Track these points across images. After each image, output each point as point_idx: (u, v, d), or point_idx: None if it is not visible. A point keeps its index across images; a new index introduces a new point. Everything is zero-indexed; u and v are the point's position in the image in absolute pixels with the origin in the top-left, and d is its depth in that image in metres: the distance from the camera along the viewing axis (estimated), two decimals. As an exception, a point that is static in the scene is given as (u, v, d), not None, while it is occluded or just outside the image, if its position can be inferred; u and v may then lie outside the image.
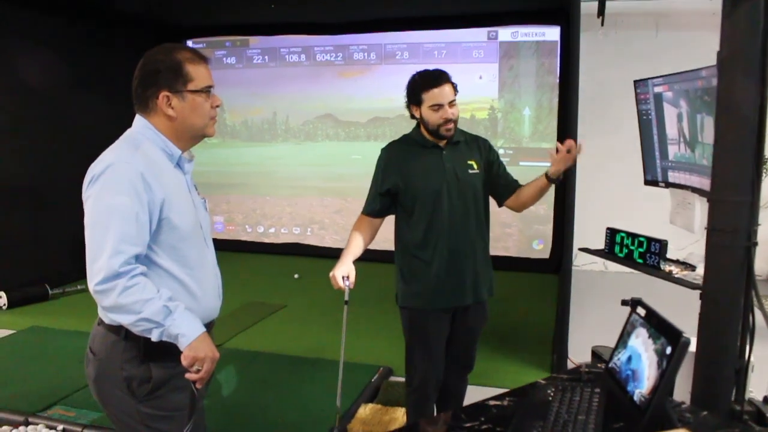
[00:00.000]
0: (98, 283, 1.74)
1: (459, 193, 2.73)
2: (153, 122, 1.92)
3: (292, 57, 7.77)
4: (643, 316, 1.56)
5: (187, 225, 1.92)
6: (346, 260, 2.76)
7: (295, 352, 4.63)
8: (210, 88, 1.94)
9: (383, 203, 2.82)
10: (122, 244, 1.74)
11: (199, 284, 1.97)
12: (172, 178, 1.92)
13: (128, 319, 1.77)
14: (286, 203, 8.04)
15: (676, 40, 6.85)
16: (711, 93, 2.24)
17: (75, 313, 5.54)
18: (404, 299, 2.86)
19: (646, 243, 2.58)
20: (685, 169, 2.60)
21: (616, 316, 5.22)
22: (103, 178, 1.78)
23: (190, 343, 1.79)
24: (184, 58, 1.89)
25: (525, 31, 7.05)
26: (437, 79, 2.66)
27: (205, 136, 2.00)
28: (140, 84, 1.90)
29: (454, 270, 2.75)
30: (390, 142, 2.89)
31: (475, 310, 2.86)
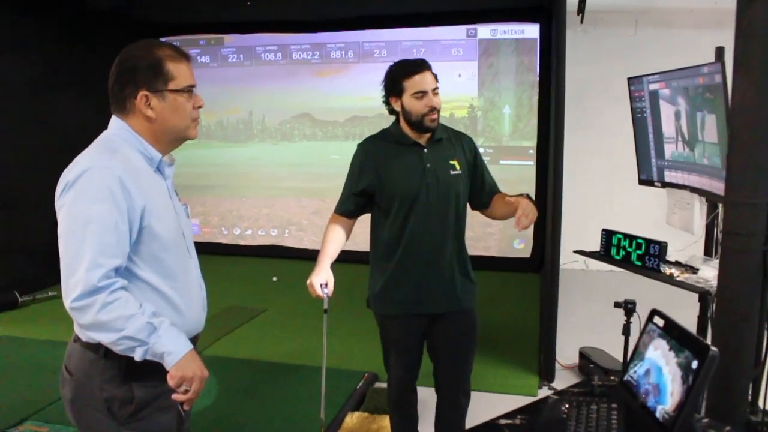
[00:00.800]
0: (75, 299, 1.61)
1: (438, 196, 2.57)
2: (131, 124, 1.78)
3: (268, 55, 7.62)
4: (662, 327, 1.47)
5: (169, 234, 1.80)
6: (324, 266, 2.59)
7: (277, 358, 4.50)
8: (192, 88, 1.81)
9: (357, 203, 2.68)
10: (101, 256, 1.62)
11: (182, 297, 1.84)
12: (153, 183, 1.79)
13: (109, 338, 1.64)
14: (263, 204, 7.89)
15: (656, 38, 6.84)
16: (714, 90, 2.17)
17: (47, 322, 5.34)
18: (374, 304, 2.74)
19: (645, 245, 2.51)
20: (683, 168, 2.53)
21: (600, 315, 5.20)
22: (78, 184, 1.65)
23: (177, 362, 1.67)
24: (165, 56, 1.76)
25: (504, 29, 6.98)
26: (419, 66, 2.52)
27: (187, 138, 1.86)
28: (117, 82, 1.77)
29: (427, 275, 2.61)
30: (367, 138, 2.73)
31: (454, 319, 2.69)
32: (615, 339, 4.14)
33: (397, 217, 2.59)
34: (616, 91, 6.80)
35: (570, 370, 4.34)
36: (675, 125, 2.52)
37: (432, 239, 2.58)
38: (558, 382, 4.15)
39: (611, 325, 3.88)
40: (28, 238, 6.08)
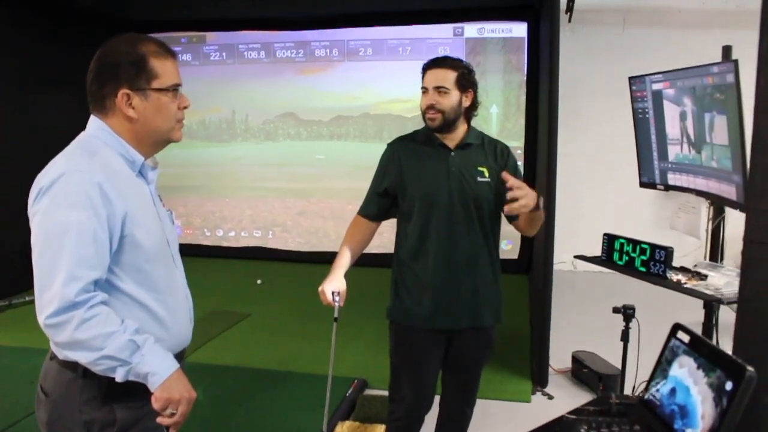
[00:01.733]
0: (50, 316, 1.48)
1: (462, 202, 2.42)
2: (110, 124, 1.65)
3: (251, 53, 7.48)
4: (688, 343, 1.38)
5: (153, 242, 1.67)
6: (337, 273, 2.48)
7: (264, 365, 4.38)
8: (177, 87, 1.69)
9: (381, 205, 2.57)
10: (78, 268, 1.49)
11: (168, 310, 1.72)
12: (134, 188, 1.67)
13: (87, 357, 1.51)
14: (246, 205, 7.75)
15: (644, 37, 6.82)
16: (725, 90, 2.09)
17: (24, 328, 5.14)
18: (393, 313, 2.59)
19: (650, 250, 2.42)
20: (688, 171, 2.45)
21: (591, 318, 5.14)
22: (54, 190, 1.52)
23: (162, 383, 1.55)
24: (149, 51, 1.63)
25: (491, 27, 6.91)
26: (434, 62, 2.44)
27: (171, 141, 1.74)
28: (96, 79, 1.64)
29: (450, 288, 2.46)
30: (396, 138, 2.63)
31: (473, 336, 2.55)
32: (607, 342, 4.09)
33: (418, 222, 2.47)
34: (604, 89, 6.82)
35: (563, 375, 4.27)
36: (680, 126, 2.44)
37: (457, 248, 2.44)
38: (551, 387, 4.07)
39: (603, 328, 3.82)
40: (3, 240, 5.88)
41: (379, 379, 4.02)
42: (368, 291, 4.69)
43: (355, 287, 2.58)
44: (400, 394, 2.64)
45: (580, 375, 4.15)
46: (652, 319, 3.32)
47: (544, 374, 4.11)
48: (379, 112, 7.24)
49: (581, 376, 4.13)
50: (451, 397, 2.75)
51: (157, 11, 7.08)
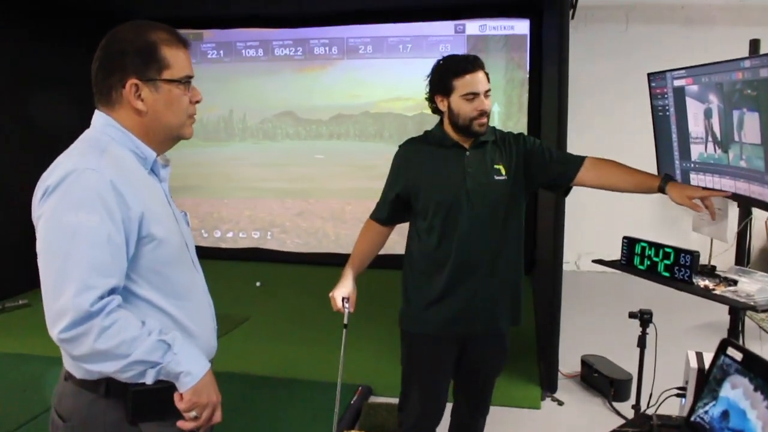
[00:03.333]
0: (64, 330, 1.35)
1: (481, 203, 2.31)
2: (118, 118, 1.52)
3: (249, 52, 7.35)
4: (741, 362, 1.27)
5: (172, 245, 1.54)
6: (347, 279, 2.42)
7: (265, 371, 4.26)
8: (190, 79, 1.57)
9: (392, 209, 2.46)
10: (93, 276, 1.36)
11: (191, 318, 1.59)
12: (149, 187, 1.54)
13: (113, 366, 1.39)
14: (244, 206, 7.62)
15: (647, 34, 6.75)
16: (758, 86, 1.98)
17: (18, 333, 5.02)
18: (406, 322, 2.49)
19: (674, 254, 2.31)
20: (713, 171, 2.34)
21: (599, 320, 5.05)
22: (62, 190, 1.39)
23: (195, 384, 1.46)
24: (160, 39, 1.51)
25: (493, 25, 6.80)
26: (472, 64, 2.29)
27: (181, 138, 1.61)
28: (102, 69, 1.51)
29: (466, 293, 2.35)
30: (408, 140, 2.51)
31: (487, 342, 2.47)
32: (616, 345, 4.00)
33: (434, 226, 2.35)
34: (609, 86, 6.74)
35: (572, 380, 4.17)
36: (705, 124, 2.33)
37: (475, 251, 2.33)
38: (561, 392, 3.97)
39: (611, 330, 3.73)
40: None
41: (384, 386, 3.92)
42: (374, 294, 4.57)
43: (360, 290, 2.49)
44: (410, 404, 2.54)
45: (590, 380, 4.05)
46: (663, 321, 3.23)
47: (554, 379, 4.01)
48: (380, 110, 7.12)
49: (591, 381, 4.03)
50: (464, 406, 2.66)
51: (153, 8, 6.94)
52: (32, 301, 5.73)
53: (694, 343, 3.89)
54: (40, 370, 4.12)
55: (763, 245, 6.50)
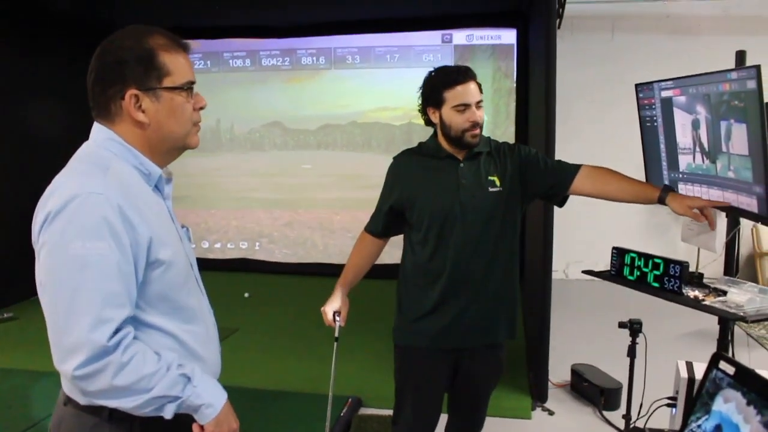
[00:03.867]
0: (80, 366, 1.29)
1: (476, 215, 2.30)
2: (119, 132, 1.44)
3: (236, 62, 7.33)
4: (733, 375, 1.27)
5: (178, 267, 1.48)
6: (339, 293, 2.41)
7: (254, 383, 4.22)
8: (192, 85, 1.49)
9: (387, 221, 2.45)
10: (106, 308, 1.30)
11: (198, 341, 1.54)
12: (154, 206, 1.46)
13: (133, 402, 1.34)
14: (231, 216, 7.59)
15: (633, 43, 6.81)
16: (745, 98, 1.99)
17: (1, 347, 4.96)
18: (400, 335, 2.47)
19: (663, 265, 2.32)
20: (701, 181, 2.36)
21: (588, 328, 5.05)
22: (65, 216, 1.31)
23: (216, 416, 1.45)
24: (158, 45, 1.43)
25: (480, 34, 6.83)
26: (463, 75, 2.28)
27: (187, 147, 1.53)
28: (99, 81, 1.43)
29: (462, 305, 2.33)
30: (402, 151, 2.50)
31: (483, 355, 2.44)
32: (605, 353, 4.00)
33: (428, 238, 2.33)
34: (595, 95, 6.78)
35: (562, 389, 4.17)
36: (692, 135, 2.34)
37: (469, 263, 2.31)
38: (551, 402, 3.97)
39: (599, 339, 3.74)
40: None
41: (374, 397, 3.90)
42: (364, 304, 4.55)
43: (351, 300, 2.48)
44: (404, 417, 2.51)
45: (580, 389, 4.06)
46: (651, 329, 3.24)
47: (544, 389, 4.00)
48: (367, 120, 7.12)
49: (581, 390, 4.04)
50: (458, 420, 2.64)
51: (140, 18, 6.90)
52: (18, 314, 5.67)
53: (684, 351, 3.91)
54: (26, 385, 4.08)
55: (749, 252, 6.55)
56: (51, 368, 1.40)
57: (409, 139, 6.34)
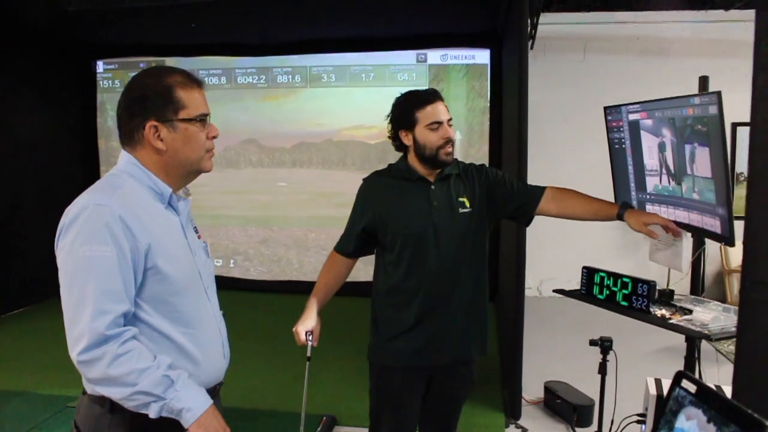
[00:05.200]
0: (82, 352, 1.50)
1: (448, 236, 2.35)
2: (139, 157, 1.67)
3: (212, 79, 7.34)
4: (695, 394, 1.31)
5: (181, 275, 1.66)
6: (310, 312, 2.41)
7: (228, 402, 4.15)
8: (205, 116, 1.70)
9: (358, 242, 2.48)
10: (106, 302, 1.51)
11: (198, 345, 1.70)
12: (162, 220, 1.67)
13: (121, 393, 1.53)
14: (206, 233, 7.44)
15: (604, 64, 6.93)
16: (707, 122, 2.05)
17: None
18: (376, 354, 2.49)
19: (632, 284, 2.37)
20: (668, 202, 2.42)
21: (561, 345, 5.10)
22: (76, 225, 1.54)
23: (197, 419, 1.56)
24: (175, 82, 1.64)
25: (455, 54, 6.93)
26: (432, 95, 2.35)
27: (201, 171, 1.74)
28: (124, 113, 1.66)
29: (436, 323, 2.38)
30: (372, 173, 2.53)
31: (457, 371, 2.48)
32: (578, 370, 4.05)
33: (402, 259, 2.37)
34: (567, 115, 6.89)
35: (536, 406, 4.20)
36: (659, 157, 2.40)
37: (442, 283, 2.36)
38: (525, 419, 4.00)
39: (573, 356, 3.78)
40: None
41: (348, 415, 3.90)
42: (338, 322, 4.57)
43: (325, 317, 2.49)
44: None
45: (553, 406, 4.09)
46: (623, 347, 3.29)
47: (517, 406, 4.03)
48: (343, 138, 7.16)
49: (554, 407, 4.07)
50: None
51: (116, 35, 6.93)
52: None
53: (654, 367, 3.97)
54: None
55: (718, 269, 6.67)
56: (21, 387, 1.47)
57: (384, 157, 6.38)
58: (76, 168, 7.34)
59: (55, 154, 7.03)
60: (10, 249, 6.40)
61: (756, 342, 1.46)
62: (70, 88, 7.30)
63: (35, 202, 6.46)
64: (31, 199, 6.53)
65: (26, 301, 6.60)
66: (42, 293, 6.40)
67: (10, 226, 6.42)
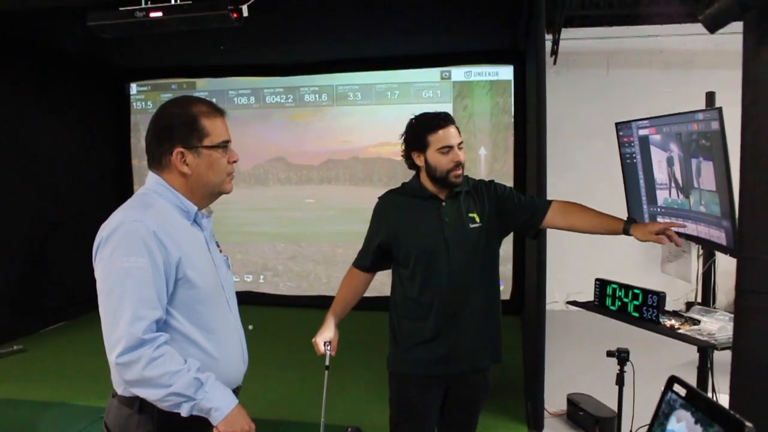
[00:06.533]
0: (120, 354, 1.63)
1: (459, 250, 2.45)
2: (166, 179, 1.83)
3: (241, 99, 7.53)
4: (684, 397, 1.38)
5: (206, 285, 1.81)
6: (330, 324, 2.53)
7: (254, 413, 4.27)
8: (227, 143, 1.85)
9: (374, 258, 2.59)
10: (142, 308, 1.65)
11: (219, 349, 1.84)
12: (189, 235, 1.82)
13: (156, 394, 1.66)
14: (236, 250, 7.70)
15: (628, 78, 6.94)
16: (710, 137, 2.12)
17: (11, 378, 5.07)
18: (394, 363, 2.59)
19: (642, 295, 2.43)
20: (677, 215, 2.47)
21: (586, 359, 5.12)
22: (114, 239, 1.69)
23: (225, 418, 1.69)
24: (200, 112, 1.79)
25: (478, 71, 7.01)
26: (444, 120, 2.46)
27: (222, 192, 1.90)
28: (154, 140, 1.81)
29: (453, 335, 2.47)
30: (386, 192, 2.66)
31: (471, 379, 2.57)
32: (603, 383, 4.06)
33: (416, 273, 2.48)
34: (591, 130, 6.90)
35: (558, 418, 4.23)
36: (668, 171, 2.46)
37: (456, 295, 2.46)
38: (547, 431, 4.03)
39: (598, 369, 3.80)
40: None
41: (373, 426, 3.97)
42: (363, 336, 4.67)
43: (350, 332, 2.60)
44: None
45: (575, 418, 4.12)
46: (648, 360, 3.32)
47: (540, 418, 4.07)
48: (369, 155, 7.28)
49: (577, 419, 4.10)
50: None
51: (148, 58, 7.16)
52: (27, 347, 5.79)
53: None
54: (34, 415, 4.18)
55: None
56: (58, 398, 1.58)
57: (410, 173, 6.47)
58: (111, 186, 7.57)
59: (91, 173, 7.26)
60: (50, 266, 6.61)
61: (749, 347, 1.51)
62: (105, 110, 7.55)
63: (72, 220, 6.65)
64: (69, 217, 6.72)
65: (64, 315, 6.77)
66: (78, 308, 6.57)
67: (50, 243, 6.63)
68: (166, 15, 4.15)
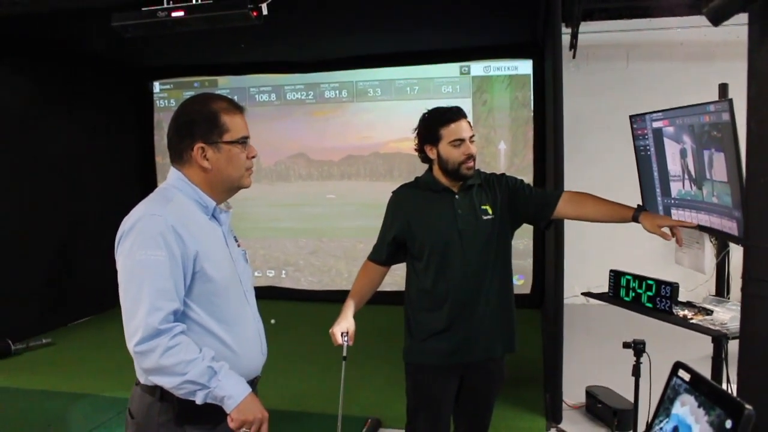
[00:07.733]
0: (138, 343, 1.69)
1: (473, 242, 2.50)
2: (187, 174, 1.87)
3: (262, 96, 7.62)
4: (689, 381, 1.41)
5: (224, 279, 1.85)
6: (347, 315, 2.58)
7: (277, 405, 4.35)
8: (246, 139, 1.89)
9: (389, 251, 2.65)
10: (159, 299, 1.70)
11: (237, 341, 1.88)
12: (207, 230, 1.87)
13: (171, 382, 1.71)
14: (258, 245, 7.80)
15: (647, 71, 6.90)
16: (721, 128, 2.13)
17: (41, 371, 5.22)
18: (410, 354, 2.65)
19: (656, 286, 2.45)
20: (690, 206, 2.49)
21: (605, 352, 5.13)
22: (133, 233, 1.74)
23: (237, 405, 1.74)
24: (220, 108, 1.84)
25: (497, 65, 7.02)
26: (456, 114, 2.52)
27: (241, 187, 1.94)
28: (175, 135, 1.87)
29: (466, 326, 2.52)
30: (400, 186, 2.72)
31: (485, 368, 2.62)
32: (622, 376, 4.06)
33: (430, 265, 2.53)
34: (610, 123, 6.87)
35: (577, 410, 4.25)
36: (681, 163, 2.48)
37: (469, 286, 2.51)
38: (566, 423, 4.06)
39: (617, 362, 3.81)
40: (20, 283, 5.99)
41: (392, 417, 4.03)
42: (381, 329, 4.71)
43: (369, 325, 2.64)
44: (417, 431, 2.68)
45: (594, 410, 4.14)
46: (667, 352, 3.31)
47: (558, 410, 4.09)
48: (389, 151, 7.33)
49: (596, 411, 4.12)
50: (465, 430, 2.77)
51: (171, 57, 7.26)
52: (56, 340, 5.94)
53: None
54: (64, 406, 4.30)
55: None
56: (86, 390, 1.65)
57: (429, 168, 6.51)
58: (135, 183, 7.68)
59: (116, 171, 7.39)
60: (76, 262, 6.75)
61: (756, 334, 1.54)
62: (128, 109, 7.68)
63: (97, 217, 6.77)
64: (94, 214, 6.85)
65: (90, 310, 6.91)
66: (104, 303, 6.69)
67: (75, 239, 6.77)
68: (188, 14, 4.21)
